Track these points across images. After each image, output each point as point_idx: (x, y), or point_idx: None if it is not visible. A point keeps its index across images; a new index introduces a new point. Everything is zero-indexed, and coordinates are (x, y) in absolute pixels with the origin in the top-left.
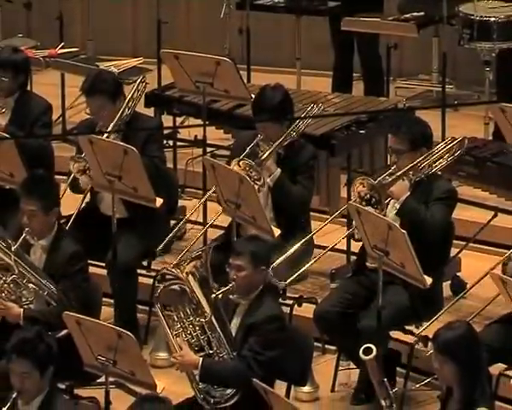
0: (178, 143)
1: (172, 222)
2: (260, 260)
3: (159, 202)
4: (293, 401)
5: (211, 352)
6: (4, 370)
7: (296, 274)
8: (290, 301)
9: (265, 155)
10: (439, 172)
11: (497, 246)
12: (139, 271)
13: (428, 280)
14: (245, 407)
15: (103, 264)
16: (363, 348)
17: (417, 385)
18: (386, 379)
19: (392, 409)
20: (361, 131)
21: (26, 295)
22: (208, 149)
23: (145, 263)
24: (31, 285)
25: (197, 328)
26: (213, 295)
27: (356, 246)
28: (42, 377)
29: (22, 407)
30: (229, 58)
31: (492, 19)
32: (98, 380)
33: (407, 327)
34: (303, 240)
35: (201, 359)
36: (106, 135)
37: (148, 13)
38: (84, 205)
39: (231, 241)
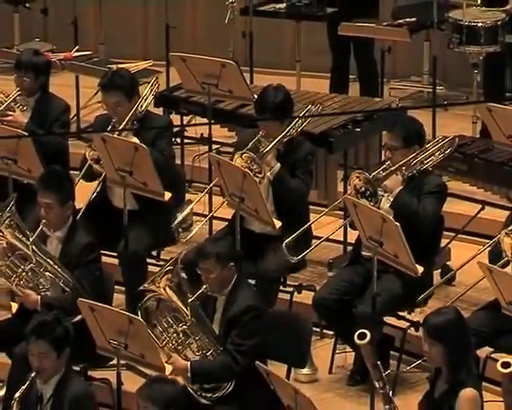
0: (185, 141)
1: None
2: (226, 258)
3: (167, 195)
4: (293, 383)
5: (198, 354)
6: (24, 351)
7: (302, 255)
8: (290, 289)
9: (266, 150)
10: (430, 168)
11: (485, 237)
12: (149, 260)
13: (420, 269)
14: (248, 390)
15: (115, 254)
16: (357, 333)
17: (408, 367)
18: (379, 362)
19: (386, 390)
20: (357, 130)
21: (43, 283)
22: (214, 146)
23: (154, 253)
24: (47, 274)
25: (181, 334)
26: (190, 300)
27: (352, 237)
28: (59, 358)
29: (40, 385)
30: (233, 61)
31: (480, 24)
32: (110, 362)
33: (400, 313)
34: (301, 229)
35: (189, 362)
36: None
37: (157, 18)
38: (96, 198)
39: (234, 233)
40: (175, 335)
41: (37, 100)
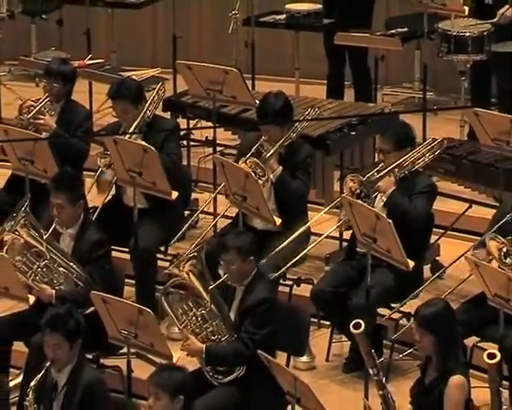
0: (192, 143)
1: (186, 212)
2: (247, 252)
3: (174, 194)
4: (293, 370)
5: (213, 338)
6: (40, 341)
7: (295, 260)
8: (290, 282)
9: (269, 155)
10: (421, 169)
11: (472, 234)
12: (158, 255)
13: (411, 263)
14: (253, 376)
15: (127, 249)
16: (353, 323)
17: (400, 355)
18: (373, 350)
19: (379, 377)
20: (352, 133)
21: (57, 278)
22: (218, 149)
23: (163, 248)
24: (61, 269)
25: (199, 318)
26: (210, 287)
27: (348, 234)
28: (71, 349)
29: (55, 374)
30: (236, 68)
31: (467, 34)
32: (121, 351)
33: (392, 305)
34: (301, 229)
35: (205, 345)
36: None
37: (165, 28)
38: (110, 197)
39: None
40: (194, 318)
41: (63, 106)
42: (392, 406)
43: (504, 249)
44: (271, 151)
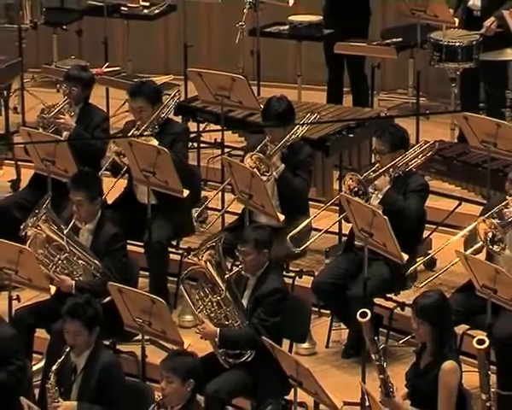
0: (201, 145)
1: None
2: (263, 245)
3: (186, 193)
4: (295, 355)
5: (227, 323)
6: (61, 328)
7: (306, 245)
8: (292, 274)
9: (272, 152)
10: (414, 169)
11: (462, 229)
12: (169, 249)
13: (405, 257)
14: (261, 360)
15: (141, 243)
16: (360, 312)
17: (400, 342)
18: (376, 337)
19: (381, 362)
20: (350, 135)
21: (76, 270)
22: (226, 150)
23: (174, 242)
24: (80, 261)
25: (214, 304)
26: (226, 276)
27: (346, 229)
28: (90, 335)
29: (74, 358)
30: (242, 75)
31: (457, 44)
32: (136, 338)
33: (388, 295)
34: (304, 223)
35: (219, 329)
36: (142, 132)
37: (177, 38)
38: (123, 194)
39: (244, 225)
40: (209, 304)
41: (82, 108)
42: (391, 388)
43: (490, 235)
44: (274, 149)
